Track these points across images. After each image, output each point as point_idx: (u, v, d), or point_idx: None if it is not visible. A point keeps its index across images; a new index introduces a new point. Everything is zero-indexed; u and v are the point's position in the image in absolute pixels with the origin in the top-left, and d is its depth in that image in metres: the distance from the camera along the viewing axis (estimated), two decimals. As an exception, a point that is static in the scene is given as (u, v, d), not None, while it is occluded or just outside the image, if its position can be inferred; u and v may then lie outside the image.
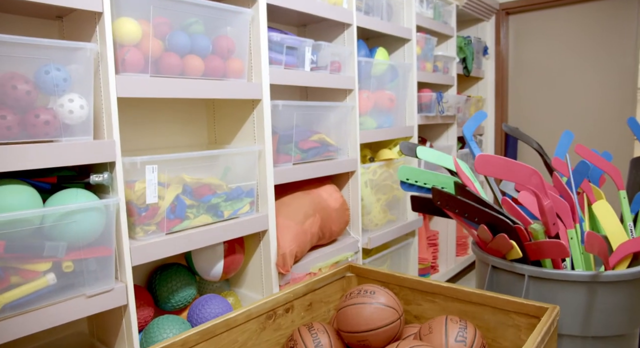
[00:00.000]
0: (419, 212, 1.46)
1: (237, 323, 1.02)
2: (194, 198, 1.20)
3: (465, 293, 1.11)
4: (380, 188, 1.86)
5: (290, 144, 1.45)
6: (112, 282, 1.03)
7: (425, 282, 1.18)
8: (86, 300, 0.99)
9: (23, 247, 0.89)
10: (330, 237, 1.61)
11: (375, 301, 1.05)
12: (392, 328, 1.04)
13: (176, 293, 1.30)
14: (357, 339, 1.03)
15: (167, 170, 1.13)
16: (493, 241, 1.14)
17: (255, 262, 1.42)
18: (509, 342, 1.06)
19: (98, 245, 1.00)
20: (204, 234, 1.20)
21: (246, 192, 1.32)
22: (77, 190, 0.99)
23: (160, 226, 1.13)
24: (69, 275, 0.96)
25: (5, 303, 0.88)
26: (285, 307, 1.13)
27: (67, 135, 0.96)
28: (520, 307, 1.04)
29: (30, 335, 1.16)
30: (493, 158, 1.02)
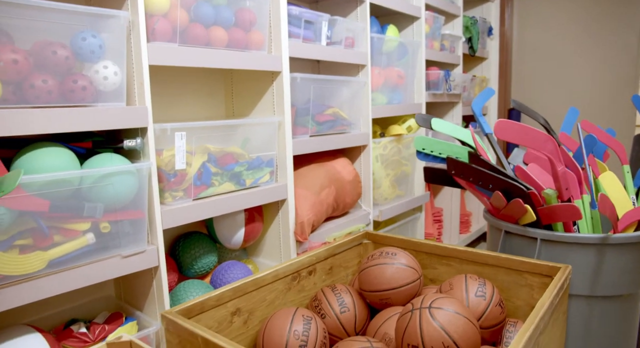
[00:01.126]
0: (432, 183, 1.51)
1: (265, 283, 1.07)
2: (218, 167, 1.24)
3: (481, 256, 1.16)
4: (389, 164, 1.90)
5: (307, 116, 1.48)
6: (145, 244, 1.07)
7: (441, 246, 1.23)
8: (121, 261, 1.03)
9: (65, 207, 0.93)
10: (343, 209, 1.66)
11: (397, 261, 1.10)
12: (413, 287, 1.09)
13: (199, 259, 1.35)
14: (380, 297, 1.08)
15: (195, 138, 1.16)
16: (507, 207, 1.19)
17: (274, 231, 1.47)
18: (522, 300, 1.12)
19: (131, 209, 1.04)
20: (227, 201, 1.24)
21: (266, 162, 1.36)
22: (112, 154, 1.02)
23: (187, 192, 1.17)
24: (106, 236, 1.01)
25: (51, 259, 0.92)
26: (308, 269, 1.18)
27: (101, 101, 0.99)
28: (533, 267, 1.09)
29: (59, 298, 1.20)
30: (512, 123, 1.06)
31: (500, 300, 1.01)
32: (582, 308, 1.18)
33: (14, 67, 0.87)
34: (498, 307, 1.00)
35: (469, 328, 0.84)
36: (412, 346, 0.85)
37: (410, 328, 0.86)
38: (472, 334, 0.84)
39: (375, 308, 1.14)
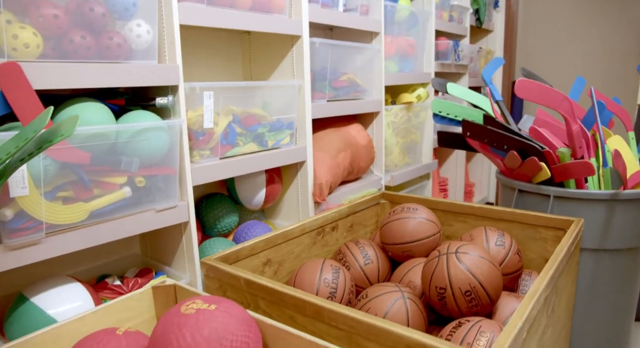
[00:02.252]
0: (445, 147, 1.56)
1: (293, 236, 1.11)
2: (242, 127, 1.27)
3: (496, 212, 1.21)
4: (400, 131, 1.94)
5: (324, 81, 1.51)
6: (176, 199, 1.11)
7: (457, 203, 1.28)
8: (155, 215, 1.07)
9: (103, 161, 0.97)
10: (357, 173, 1.70)
11: (418, 216, 1.15)
12: (434, 240, 1.14)
13: (221, 219, 1.39)
14: (402, 250, 1.13)
15: (221, 98, 1.19)
16: (521, 166, 1.24)
17: (292, 192, 1.51)
18: (536, 253, 1.17)
19: (164, 165, 1.08)
20: (251, 161, 1.28)
21: (286, 124, 1.40)
22: (145, 111, 1.05)
23: (214, 151, 1.21)
24: (141, 190, 1.04)
25: (92, 210, 0.96)
26: (331, 225, 1.23)
27: (134, 59, 1.02)
28: (547, 221, 1.15)
29: (87, 256, 1.24)
30: (531, 83, 1.10)
31: (518, 250, 1.07)
32: (590, 261, 1.24)
33: (55, 22, 0.89)
34: (516, 256, 1.05)
35: (493, 271, 0.90)
36: (439, 288, 0.90)
37: (437, 272, 0.91)
38: (496, 277, 0.90)
39: (396, 262, 1.20)
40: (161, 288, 0.86)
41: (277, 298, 0.79)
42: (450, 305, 0.89)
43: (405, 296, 0.93)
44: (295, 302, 0.76)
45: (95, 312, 0.79)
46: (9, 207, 0.85)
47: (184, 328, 0.63)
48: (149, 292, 0.86)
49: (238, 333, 0.64)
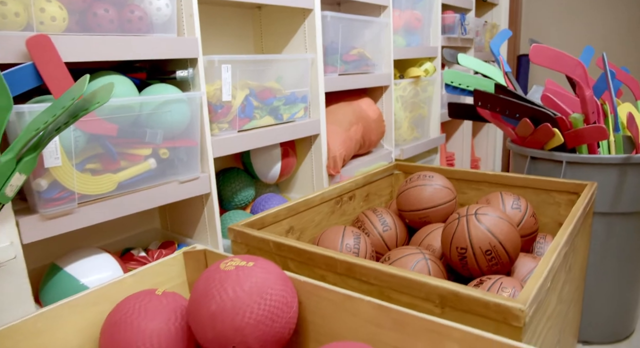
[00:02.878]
0: (456, 118, 1.57)
1: (314, 204, 1.14)
2: (259, 100, 1.29)
3: (510, 178, 1.24)
4: (408, 106, 1.96)
5: (335, 55, 1.53)
6: (198, 171, 1.14)
7: (471, 171, 1.31)
8: (179, 186, 1.10)
9: (129, 133, 0.99)
10: (369, 146, 1.73)
11: (434, 183, 1.17)
12: (450, 206, 1.17)
13: (238, 193, 1.42)
14: (419, 216, 1.16)
15: (238, 71, 1.21)
16: (534, 133, 1.26)
17: (306, 166, 1.54)
18: (549, 217, 1.20)
19: (186, 137, 1.10)
20: (268, 133, 1.30)
21: (300, 98, 1.42)
22: (165, 84, 1.07)
23: (232, 124, 1.23)
24: (165, 162, 1.07)
25: (120, 181, 0.99)
26: (349, 194, 1.26)
27: (154, 32, 1.03)
28: (560, 185, 1.17)
29: (109, 230, 1.27)
30: (546, 48, 1.11)
31: (533, 213, 1.10)
32: (602, 224, 1.27)
33: (78, -5, 0.90)
34: (532, 218, 1.08)
35: (512, 231, 0.93)
36: (460, 248, 0.93)
37: (458, 233, 0.94)
38: (514, 236, 0.93)
39: (412, 228, 1.23)
40: (192, 254, 0.89)
41: (307, 258, 0.82)
42: (471, 265, 0.92)
43: (427, 257, 0.96)
44: (326, 261, 0.79)
45: (131, 275, 0.82)
46: (43, 177, 0.87)
47: (225, 283, 0.66)
48: (180, 258, 0.89)
49: (276, 288, 0.67)
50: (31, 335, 0.70)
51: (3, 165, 0.78)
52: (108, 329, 0.71)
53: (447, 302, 0.67)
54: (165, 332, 0.70)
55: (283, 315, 0.66)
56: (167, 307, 0.73)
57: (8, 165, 0.79)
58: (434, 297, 0.68)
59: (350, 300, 0.68)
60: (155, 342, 0.69)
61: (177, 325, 0.71)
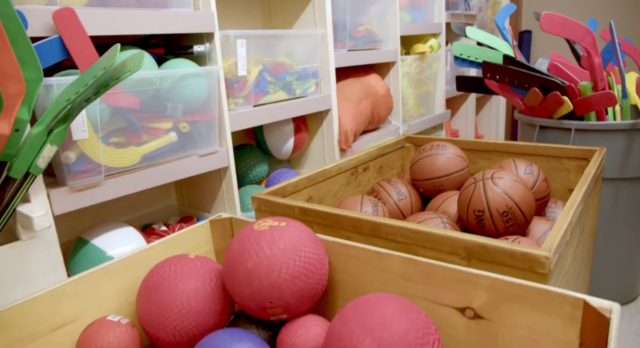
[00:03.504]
0: (463, 91, 1.59)
1: (331, 175, 1.17)
2: (272, 76, 1.30)
3: (520, 147, 1.26)
4: (414, 82, 1.97)
5: (344, 31, 1.54)
6: (217, 145, 1.16)
7: (481, 141, 1.33)
8: (198, 159, 1.12)
9: (151, 106, 1.01)
10: (377, 122, 1.75)
11: (447, 152, 1.20)
12: (463, 175, 1.20)
13: (252, 169, 1.44)
14: (434, 184, 1.19)
15: (253, 46, 1.22)
16: (543, 102, 1.28)
17: (317, 142, 1.56)
18: (559, 183, 1.23)
19: (204, 111, 1.12)
20: (281, 108, 1.32)
21: (312, 73, 1.43)
22: (183, 59, 1.09)
23: (247, 99, 1.24)
24: (185, 135, 1.09)
25: (143, 154, 1.01)
26: (363, 166, 1.28)
27: (171, 7, 1.05)
28: (570, 152, 1.20)
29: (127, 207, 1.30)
30: (556, 16, 1.13)
31: (545, 178, 1.12)
32: (611, 190, 1.30)
33: (98, -30, 0.91)
34: (544, 183, 1.11)
35: (527, 194, 0.95)
36: (477, 211, 0.96)
37: (475, 196, 0.96)
38: (530, 199, 0.96)
39: (426, 198, 1.25)
40: (218, 222, 0.92)
41: (333, 221, 0.85)
42: (489, 227, 0.95)
43: (444, 221, 0.99)
44: (352, 222, 0.82)
45: (161, 243, 0.85)
46: (71, 150, 0.89)
47: (260, 241, 0.68)
48: (207, 226, 0.92)
49: (309, 246, 0.70)
50: (73, 298, 0.73)
51: (35, 137, 0.80)
52: (145, 292, 0.74)
53: (473, 255, 0.69)
54: (201, 292, 0.73)
55: (317, 272, 0.69)
56: (201, 269, 0.76)
57: (40, 137, 0.81)
58: (459, 251, 0.71)
59: (379, 256, 0.71)
60: (193, 301, 0.72)
61: (212, 286, 0.74)
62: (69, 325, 0.73)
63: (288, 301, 0.67)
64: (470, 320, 0.65)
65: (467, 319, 0.65)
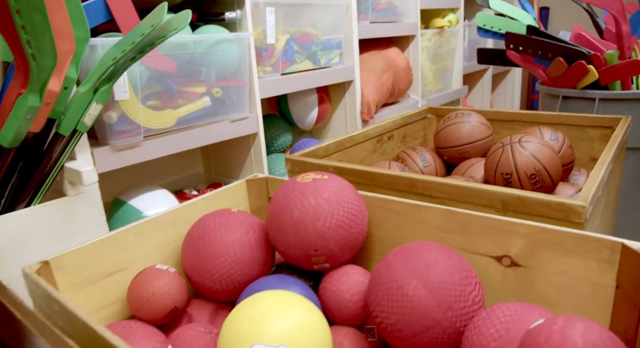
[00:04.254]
0: (485, 63, 1.61)
1: (358, 141, 1.19)
2: (298, 45, 1.32)
3: (543, 116, 1.28)
4: (432, 57, 1.98)
5: (367, 3, 1.55)
6: (247, 111, 1.18)
7: (504, 111, 1.35)
8: (230, 125, 1.15)
9: (186, 70, 1.03)
10: (398, 95, 1.76)
11: (472, 119, 1.22)
12: (487, 142, 1.22)
13: (277, 138, 1.47)
14: (459, 152, 1.21)
15: (280, 15, 1.24)
16: (567, 72, 1.29)
17: (340, 113, 1.58)
18: (583, 152, 1.25)
19: (236, 77, 1.14)
20: (307, 78, 1.34)
21: (335, 44, 1.45)
22: (215, 25, 1.11)
23: (275, 67, 1.26)
24: (217, 101, 1.11)
25: (179, 116, 1.04)
26: (388, 134, 1.31)
27: (204, -27, 1.06)
28: (594, 120, 1.22)
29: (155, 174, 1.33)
30: (584, -17, 1.14)
31: (570, 144, 1.14)
32: (633, 159, 1.32)
33: None
34: (569, 149, 1.13)
35: (554, 157, 0.98)
36: (505, 174, 0.98)
37: (503, 159, 0.99)
38: (557, 162, 0.98)
39: (450, 166, 1.28)
40: (255, 181, 0.95)
41: (369, 179, 0.87)
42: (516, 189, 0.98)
43: (473, 184, 1.02)
44: (388, 180, 0.85)
45: (201, 200, 0.88)
46: (113, 110, 0.92)
47: (305, 192, 0.71)
48: (243, 185, 0.95)
49: (351, 197, 0.73)
50: (122, 247, 0.76)
51: (82, 95, 0.83)
52: (192, 242, 0.78)
53: (509, 206, 0.72)
54: (246, 242, 0.76)
55: (358, 222, 0.72)
56: (244, 222, 0.79)
57: (86, 95, 0.83)
58: (496, 203, 0.73)
59: (417, 209, 0.73)
60: (238, 251, 0.75)
61: (255, 237, 0.77)
62: (119, 273, 0.76)
63: (332, 249, 0.70)
64: (506, 268, 0.68)
65: (504, 267, 0.68)
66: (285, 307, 0.52)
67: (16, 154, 0.81)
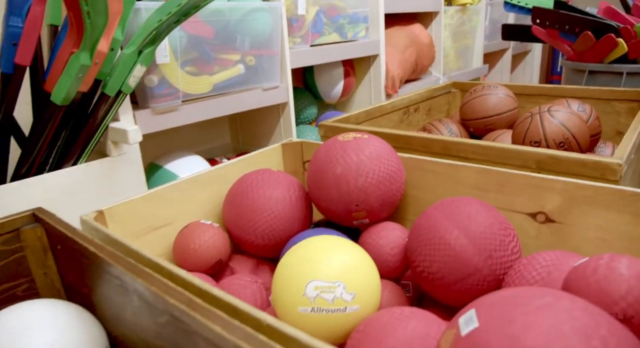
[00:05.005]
0: (509, 40, 1.61)
1: (386, 111, 1.21)
2: (327, 17, 1.34)
3: (569, 90, 1.29)
4: (455, 35, 1.98)
5: (393, -24, 1.55)
6: (278, 80, 1.21)
7: (529, 85, 1.36)
8: (262, 93, 1.17)
9: (222, 37, 1.06)
10: (420, 72, 1.78)
11: (499, 92, 1.23)
12: (513, 114, 1.23)
13: (304, 110, 1.49)
14: (485, 124, 1.23)
15: (311, -15, 1.26)
16: (594, 46, 1.30)
17: (364, 87, 1.60)
18: (609, 126, 1.26)
19: (268, 47, 1.16)
20: (334, 50, 1.35)
21: (362, 17, 1.46)
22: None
23: (305, 39, 1.28)
24: (251, 69, 1.14)
25: (215, 83, 1.06)
26: (414, 106, 1.33)
27: (240, -58, 1.08)
28: (621, 94, 1.23)
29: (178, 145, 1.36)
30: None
31: (598, 116, 1.16)
32: (657, 135, 1.33)
33: None
34: (597, 121, 1.14)
35: (583, 126, 0.99)
36: (534, 142, 1.00)
37: (532, 128, 1.01)
38: (585, 131, 1.00)
39: (476, 138, 1.30)
40: (290, 145, 0.98)
41: (404, 143, 0.90)
42: (545, 156, 0.99)
43: (501, 152, 1.04)
44: (422, 143, 0.87)
45: (239, 161, 0.91)
46: (154, 73, 0.95)
47: (348, 149, 0.74)
48: (279, 148, 0.98)
49: (391, 155, 0.75)
50: (167, 202, 0.80)
51: (127, 57, 0.86)
52: (235, 198, 0.81)
53: (544, 166, 0.74)
54: (287, 199, 0.79)
55: (398, 179, 0.75)
56: (285, 180, 0.82)
57: (131, 57, 0.86)
58: (531, 163, 0.76)
59: (453, 169, 0.76)
60: (280, 206, 0.78)
61: (295, 195, 0.80)
62: (164, 227, 0.80)
63: (372, 204, 0.73)
64: (541, 225, 0.71)
65: (539, 224, 0.71)
66: (339, 247, 0.55)
67: (65, 113, 0.85)
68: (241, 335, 0.35)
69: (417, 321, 0.48)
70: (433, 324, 0.48)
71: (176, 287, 0.43)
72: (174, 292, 0.42)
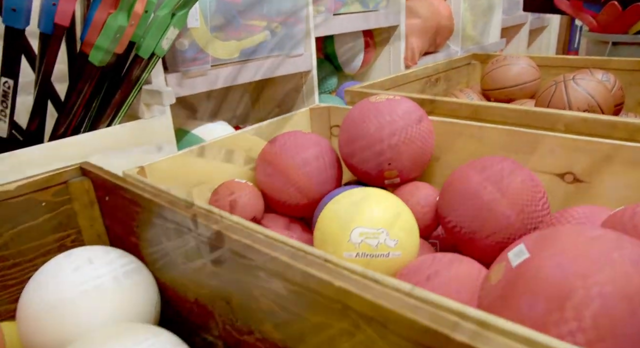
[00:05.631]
0: (531, 11, 1.60)
1: (409, 80, 1.22)
2: (350, -14, 1.34)
3: (592, 61, 1.29)
4: (473, 8, 1.97)
5: (415, -55, 1.54)
6: (302, 48, 1.22)
7: (550, 57, 1.36)
8: (287, 60, 1.18)
9: (249, 3, 1.06)
10: (439, 45, 1.78)
11: (521, 62, 1.24)
12: (535, 85, 1.24)
13: (324, 80, 1.50)
14: (505, 94, 1.24)
15: (335, -48, 1.26)
16: (620, 16, 1.30)
17: (383, 58, 1.61)
18: (632, 98, 1.27)
19: (293, 15, 1.17)
20: (357, 19, 1.36)
21: (384, -13, 1.46)
22: (276, -39, 1.13)
23: (328, 8, 1.29)
24: (277, 35, 1.15)
25: (242, 48, 1.07)
26: (436, 76, 1.33)
27: None
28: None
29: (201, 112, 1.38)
30: None
31: (621, 86, 1.16)
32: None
33: None
34: (620, 91, 1.15)
35: (607, 94, 1.00)
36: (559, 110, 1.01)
37: (556, 95, 1.02)
38: (610, 100, 1.01)
39: (496, 108, 1.31)
40: (318, 109, 0.99)
41: (432, 108, 0.91)
42: (569, 123, 1.01)
43: (525, 120, 1.05)
44: (450, 107, 0.89)
45: (267, 125, 0.93)
46: (185, 37, 0.97)
47: (382, 110, 0.76)
48: (307, 113, 0.99)
49: (423, 116, 0.77)
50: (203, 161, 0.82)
51: (161, 19, 0.87)
52: (267, 159, 0.83)
53: (572, 128, 0.76)
54: (320, 159, 0.81)
55: (429, 140, 0.77)
56: (316, 141, 0.84)
57: (165, 19, 0.88)
58: (559, 126, 0.77)
59: (482, 130, 0.77)
60: (314, 166, 0.80)
61: (328, 155, 0.82)
62: (201, 185, 0.82)
63: (404, 163, 0.75)
64: (568, 185, 0.73)
65: (566, 184, 0.73)
66: (382, 196, 0.58)
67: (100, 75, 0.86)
68: (308, 262, 0.37)
69: (459, 263, 0.51)
70: (475, 266, 0.51)
71: (236, 226, 0.45)
72: (235, 229, 0.44)
